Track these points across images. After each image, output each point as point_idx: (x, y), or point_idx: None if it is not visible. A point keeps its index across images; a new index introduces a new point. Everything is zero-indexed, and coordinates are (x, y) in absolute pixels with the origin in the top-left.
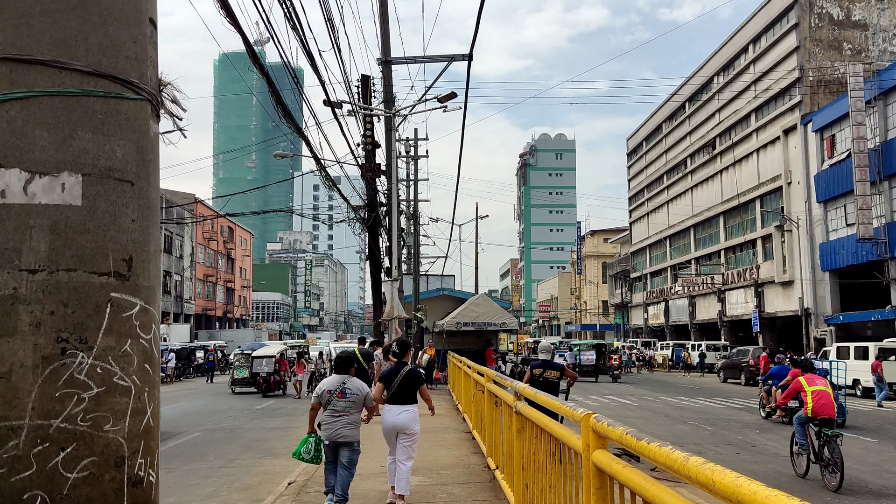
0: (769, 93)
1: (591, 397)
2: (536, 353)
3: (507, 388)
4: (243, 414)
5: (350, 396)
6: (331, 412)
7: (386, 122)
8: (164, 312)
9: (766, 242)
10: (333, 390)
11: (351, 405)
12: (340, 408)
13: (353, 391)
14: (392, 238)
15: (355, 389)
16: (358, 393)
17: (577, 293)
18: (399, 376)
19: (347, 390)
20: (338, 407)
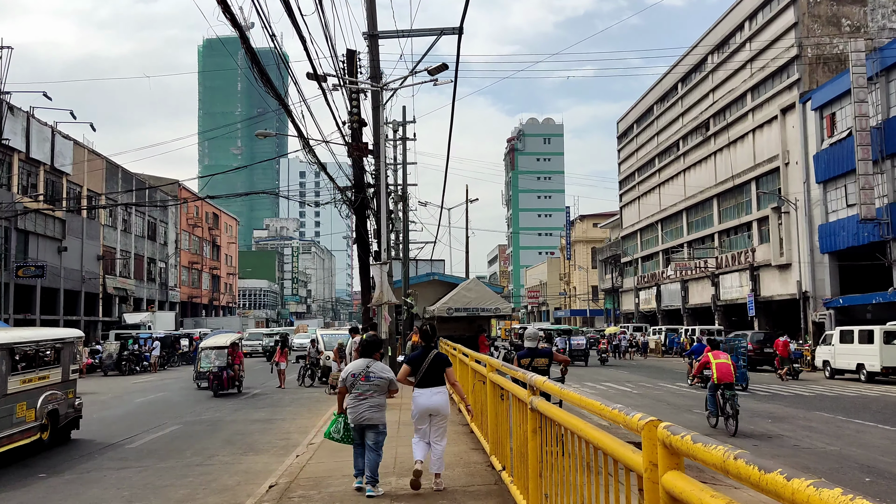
0: (766, 71)
1: (587, 384)
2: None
3: (517, 378)
4: (226, 405)
5: (374, 380)
6: (356, 395)
7: (373, 97)
8: (149, 300)
9: (763, 225)
10: (358, 374)
11: (375, 388)
12: (364, 391)
13: (377, 374)
14: (381, 219)
15: (379, 372)
16: (382, 377)
17: (567, 279)
18: (427, 360)
19: (371, 374)
20: (362, 390)
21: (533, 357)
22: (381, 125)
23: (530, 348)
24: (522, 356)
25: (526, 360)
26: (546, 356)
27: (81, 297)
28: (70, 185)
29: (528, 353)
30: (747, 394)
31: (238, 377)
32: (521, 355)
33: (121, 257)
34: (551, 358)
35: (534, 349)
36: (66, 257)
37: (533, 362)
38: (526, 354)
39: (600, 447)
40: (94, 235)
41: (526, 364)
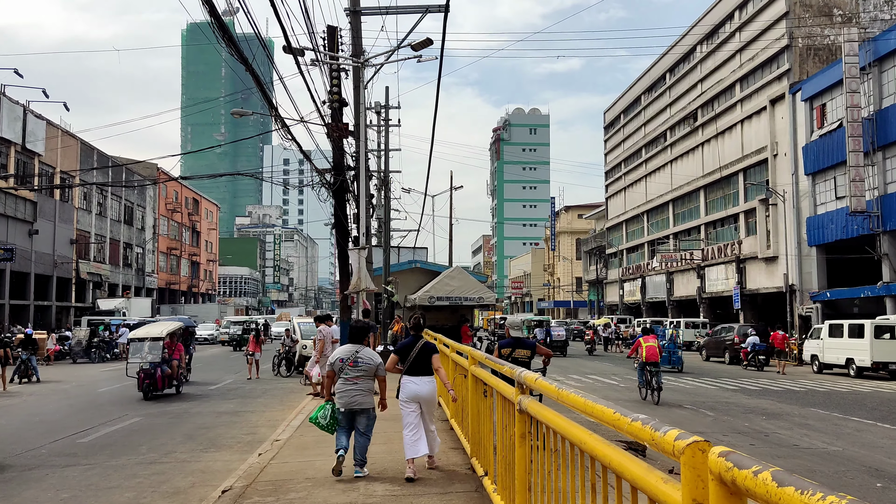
0: (755, 61)
1: (572, 377)
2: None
3: (503, 374)
4: (195, 394)
5: (362, 365)
6: (344, 380)
7: (354, 73)
8: (125, 286)
9: (750, 217)
10: (346, 359)
11: (363, 373)
12: (353, 376)
13: (365, 360)
14: (360, 201)
15: (367, 358)
16: (370, 362)
17: (551, 269)
18: (416, 348)
19: (360, 359)
20: (351, 375)
21: (514, 347)
22: (362, 103)
23: (515, 338)
24: (504, 345)
25: (507, 350)
26: (529, 347)
27: (53, 282)
28: (42, 166)
29: (510, 342)
30: (682, 374)
31: (177, 375)
32: (502, 344)
33: (95, 241)
34: (534, 350)
35: (518, 339)
36: (37, 240)
37: (514, 353)
38: (508, 344)
39: (613, 468)
40: (67, 219)
41: (506, 354)
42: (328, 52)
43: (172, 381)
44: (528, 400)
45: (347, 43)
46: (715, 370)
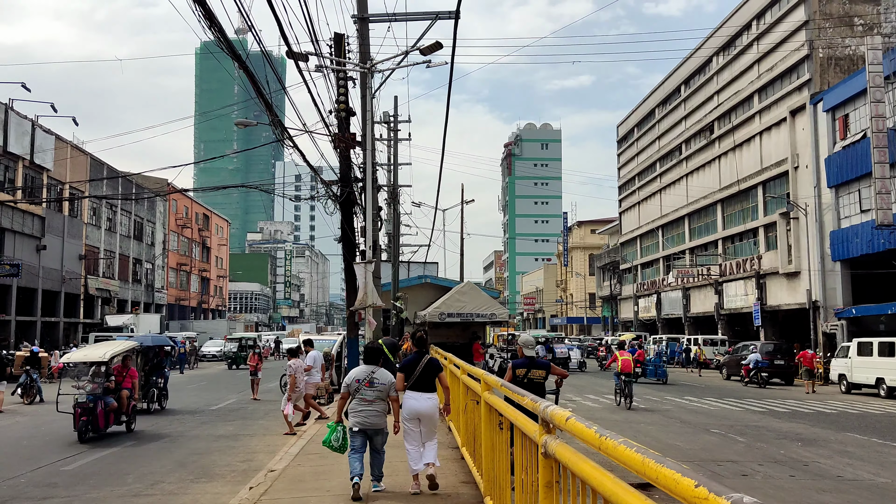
0: (774, 72)
1: (589, 397)
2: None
3: (521, 405)
4: (193, 416)
5: (378, 386)
6: (360, 401)
7: (361, 79)
8: (134, 302)
9: (770, 231)
10: (362, 380)
11: (379, 394)
12: (370, 397)
13: (380, 381)
14: (367, 212)
15: (383, 379)
16: (385, 383)
17: (563, 285)
18: (420, 365)
19: (376, 380)
20: (367, 396)
21: (529, 368)
22: (370, 110)
23: (528, 357)
24: (518, 365)
25: (521, 371)
26: (544, 368)
27: (61, 298)
28: (51, 181)
29: (524, 362)
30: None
31: (128, 408)
32: (516, 364)
33: (104, 257)
34: (549, 370)
35: (532, 358)
36: (45, 256)
37: (529, 373)
38: (522, 364)
39: None
40: (76, 234)
41: (521, 375)
42: (334, 49)
43: (121, 417)
44: (556, 443)
45: (355, 51)
46: (738, 390)
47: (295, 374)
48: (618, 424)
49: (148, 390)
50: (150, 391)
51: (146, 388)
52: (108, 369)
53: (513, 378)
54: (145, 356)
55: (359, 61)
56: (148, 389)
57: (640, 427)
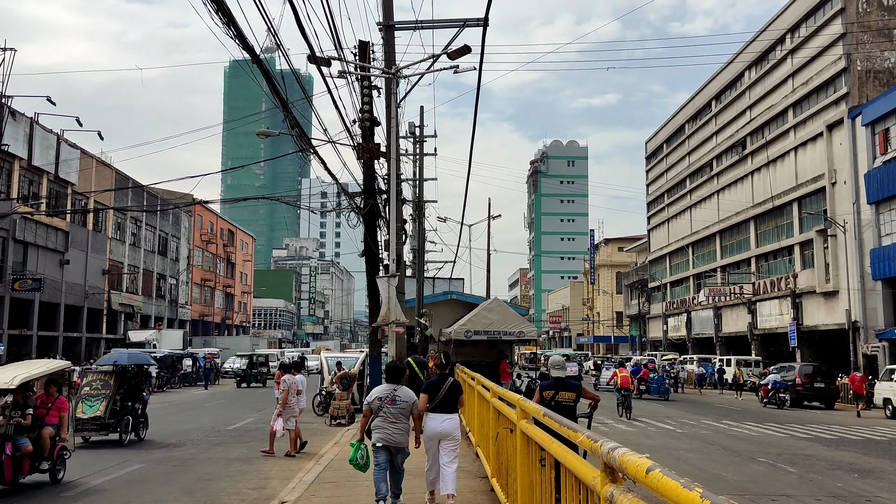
0: (810, 86)
1: (622, 420)
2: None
3: (574, 441)
4: (208, 436)
5: (400, 403)
6: (383, 418)
7: (386, 85)
8: (158, 318)
9: (806, 249)
10: (384, 397)
11: (401, 412)
12: (392, 414)
13: (403, 399)
14: (391, 224)
15: (405, 397)
16: (407, 400)
17: (590, 304)
18: (444, 387)
19: (398, 398)
20: (389, 413)
21: (558, 390)
22: (394, 117)
23: (557, 378)
24: (546, 388)
25: (549, 393)
26: (574, 390)
27: (84, 313)
28: (75, 196)
29: (552, 384)
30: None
31: (51, 451)
32: (544, 387)
33: (128, 272)
34: (579, 393)
35: (561, 380)
36: (68, 271)
37: (557, 396)
38: (550, 386)
39: None
40: (99, 249)
41: (549, 397)
42: (358, 57)
43: (41, 463)
44: (628, 499)
45: (380, 59)
46: (779, 415)
47: (288, 391)
48: (656, 451)
49: (122, 418)
50: (124, 419)
51: (120, 414)
52: (26, 400)
53: (540, 401)
54: (121, 378)
55: (383, 75)
56: (122, 417)
57: (680, 454)
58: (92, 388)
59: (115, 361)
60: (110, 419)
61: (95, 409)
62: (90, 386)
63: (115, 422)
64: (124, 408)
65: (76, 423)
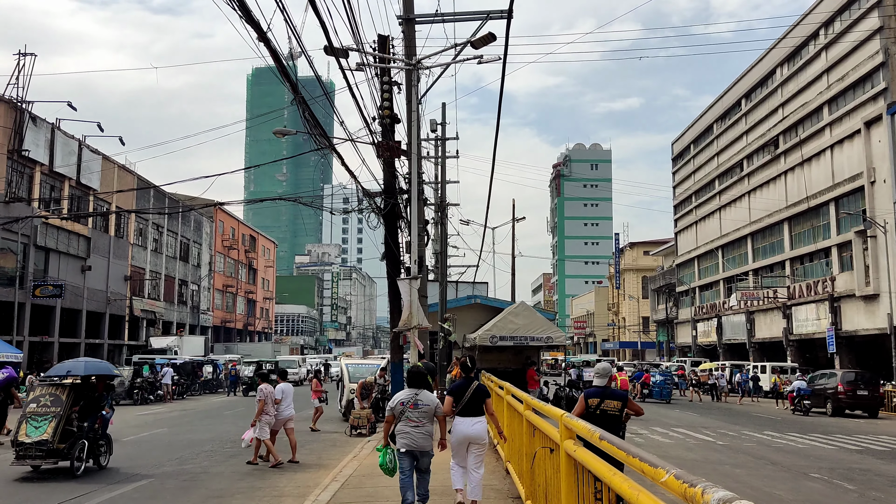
0: (845, 82)
1: (657, 430)
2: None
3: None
4: (223, 448)
5: (423, 408)
6: (406, 422)
7: (406, 76)
8: (179, 324)
9: (844, 250)
10: (406, 402)
11: (424, 416)
12: (415, 418)
13: (425, 402)
14: (412, 223)
15: (427, 401)
16: (430, 404)
17: (615, 309)
18: (469, 390)
19: (420, 402)
20: (412, 417)
21: (603, 398)
22: (415, 110)
23: (599, 387)
24: (591, 395)
25: (594, 401)
26: (619, 399)
27: (106, 319)
28: (97, 202)
29: (597, 391)
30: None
31: None
32: (589, 394)
33: (150, 278)
34: (625, 402)
35: (605, 388)
36: (90, 277)
37: (602, 404)
38: (595, 393)
39: None
40: (121, 255)
41: (594, 405)
42: (377, 52)
43: None
44: None
45: (400, 54)
46: (822, 424)
47: (265, 400)
48: (699, 465)
49: (75, 443)
50: (76, 444)
51: (75, 437)
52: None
53: (584, 409)
54: (77, 392)
55: (404, 67)
56: (75, 442)
57: (725, 470)
58: (40, 404)
59: (69, 371)
60: (61, 443)
61: (42, 430)
62: (38, 402)
63: (67, 446)
64: (80, 429)
65: (18, 448)
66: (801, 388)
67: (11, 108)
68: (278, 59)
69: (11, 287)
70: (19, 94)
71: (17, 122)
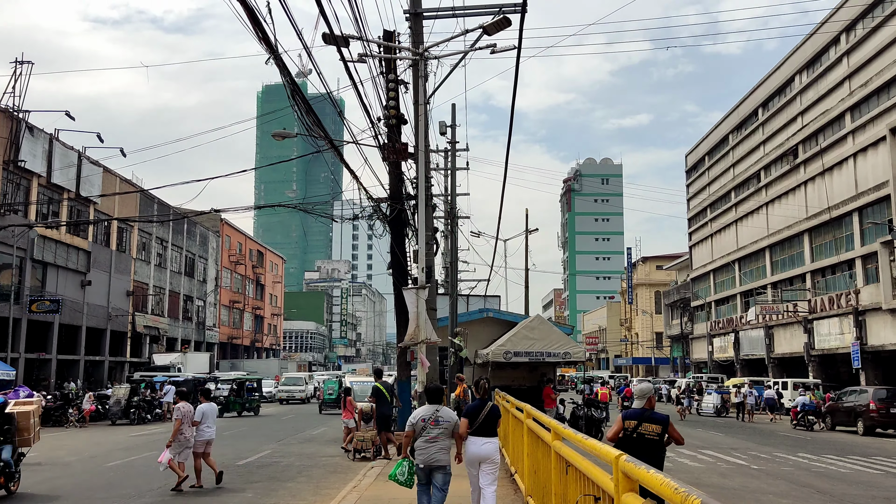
0: (869, 87)
1: (684, 453)
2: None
3: None
4: (213, 474)
5: (443, 424)
6: (426, 439)
7: (413, 67)
8: (184, 340)
9: (869, 262)
10: (427, 418)
11: (443, 432)
12: (434, 434)
13: (445, 419)
14: (420, 227)
15: (447, 417)
16: (449, 420)
17: (628, 324)
18: (484, 411)
19: (440, 418)
20: (432, 434)
21: (641, 421)
22: (423, 103)
23: (637, 409)
24: (629, 417)
25: (631, 423)
26: (660, 423)
27: (107, 336)
28: (98, 215)
29: (635, 413)
30: None
31: None
32: (627, 416)
33: (153, 293)
34: (666, 426)
35: (645, 411)
36: (90, 292)
37: (640, 427)
38: (634, 415)
39: None
40: (123, 269)
41: (631, 428)
42: (384, 65)
43: None
44: None
45: (407, 46)
46: (857, 444)
47: (182, 420)
48: (740, 495)
49: None
50: None
51: None
52: None
53: (621, 430)
54: None
55: (411, 64)
56: None
57: (768, 500)
58: None
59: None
60: None
61: None
62: None
63: None
64: None
65: None
66: (805, 404)
67: (7, 118)
68: (284, 68)
69: (7, 302)
70: (16, 104)
71: (14, 132)
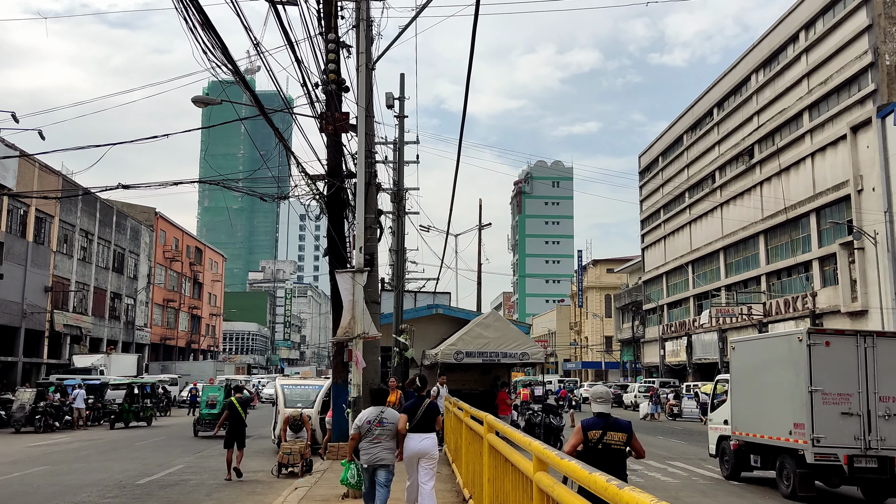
0: (829, 85)
1: (652, 465)
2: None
3: None
4: (102, 498)
5: (387, 425)
6: (370, 440)
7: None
8: (111, 341)
9: (827, 264)
10: (373, 420)
11: (386, 433)
12: (378, 434)
13: (389, 420)
14: (357, 205)
15: (391, 419)
16: (394, 422)
17: (578, 328)
18: (421, 409)
19: (385, 419)
20: (377, 434)
21: (606, 430)
22: (364, 52)
23: (599, 414)
24: (590, 426)
25: (595, 433)
26: (624, 430)
27: (21, 335)
28: (12, 205)
29: (597, 422)
30: None
31: None
32: (588, 425)
33: (76, 290)
34: (630, 434)
35: (608, 418)
36: (2, 287)
37: (605, 437)
38: (596, 424)
39: None
40: (41, 263)
41: (595, 438)
42: (324, 22)
43: None
44: None
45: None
46: None
47: None
48: None
49: None
50: None
51: None
52: None
53: (583, 442)
54: None
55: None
56: None
57: None
58: None
59: None
60: None
61: None
62: None
63: None
64: None
65: None
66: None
67: None
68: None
69: None
70: None
71: None
